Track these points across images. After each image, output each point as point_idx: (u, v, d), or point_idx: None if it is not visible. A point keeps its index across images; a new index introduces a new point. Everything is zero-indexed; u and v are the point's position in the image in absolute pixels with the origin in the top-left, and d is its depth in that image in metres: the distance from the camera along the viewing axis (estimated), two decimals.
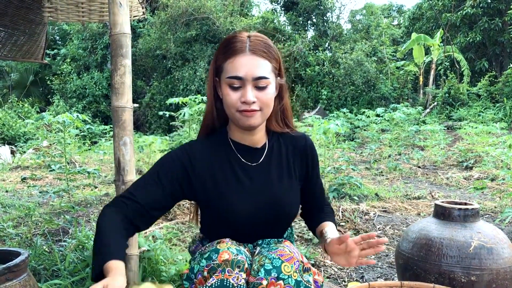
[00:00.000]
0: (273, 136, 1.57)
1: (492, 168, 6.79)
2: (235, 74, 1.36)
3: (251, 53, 1.37)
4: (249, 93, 1.36)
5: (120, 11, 2.14)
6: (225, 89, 1.39)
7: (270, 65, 1.40)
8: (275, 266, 1.32)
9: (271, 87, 1.41)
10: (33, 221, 3.89)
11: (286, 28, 18.81)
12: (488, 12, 16.03)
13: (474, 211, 2.04)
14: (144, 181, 1.45)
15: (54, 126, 8.03)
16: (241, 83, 1.37)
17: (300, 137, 1.59)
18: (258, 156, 1.53)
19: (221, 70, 1.42)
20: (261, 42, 1.40)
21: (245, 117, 1.39)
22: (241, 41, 1.39)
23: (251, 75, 1.36)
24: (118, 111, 2.16)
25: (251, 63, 1.37)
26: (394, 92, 16.18)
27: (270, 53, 1.41)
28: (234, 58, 1.37)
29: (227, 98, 1.39)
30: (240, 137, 1.52)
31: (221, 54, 1.42)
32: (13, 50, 3.52)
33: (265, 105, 1.40)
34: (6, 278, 1.59)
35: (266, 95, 1.39)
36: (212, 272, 1.31)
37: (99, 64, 19.09)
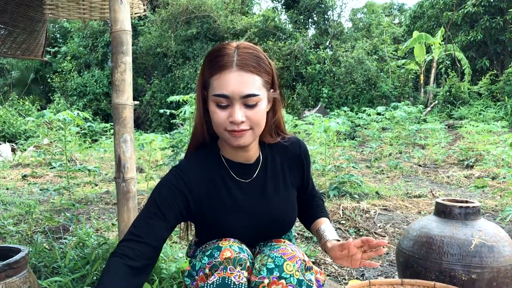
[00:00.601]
0: (265, 148, 1.50)
1: (493, 166, 6.78)
2: (221, 92, 1.26)
3: (239, 69, 1.26)
4: (237, 112, 1.26)
5: (121, 8, 2.14)
6: (212, 107, 1.30)
7: (261, 80, 1.30)
8: (277, 265, 1.31)
9: (262, 103, 1.31)
10: (34, 219, 3.89)
11: (287, 26, 18.80)
12: (489, 10, 16.00)
13: (475, 209, 2.04)
14: (146, 217, 1.34)
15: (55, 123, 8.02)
16: (229, 102, 1.27)
17: (293, 144, 1.53)
18: (252, 172, 1.47)
19: (208, 85, 1.32)
20: (249, 56, 1.29)
21: (234, 138, 1.31)
22: (228, 55, 1.28)
23: (239, 93, 1.26)
24: (118, 108, 2.15)
25: (238, 80, 1.26)
26: (395, 91, 16.17)
27: (260, 67, 1.30)
28: (220, 74, 1.27)
29: (215, 117, 1.30)
30: (232, 154, 1.44)
31: (207, 68, 1.32)
32: (13, 47, 3.52)
33: (255, 124, 1.31)
34: (6, 275, 1.59)
35: (256, 114, 1.29)
36: (214, 270, 1.31)
37: (100, 62, 19.09)
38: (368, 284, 1.75)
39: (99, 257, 2.42)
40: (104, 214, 4.36)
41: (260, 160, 1.48)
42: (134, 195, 2.22)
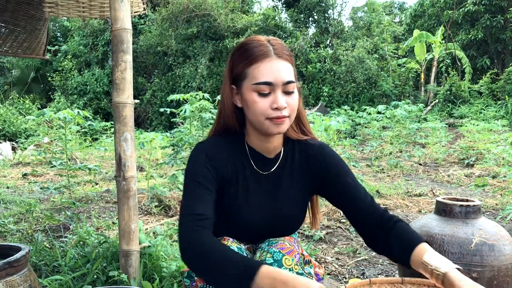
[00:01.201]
0: (288, 143, 1.50)
1: (493, 165, 6.78)
2: (264, 80, 1.29)
3: (278, 57, 1.31)
4: (280, 98, 1.30)
5: (121, 7, 2.14)
6: (252, 96, 1.31)
7: (293, 69, 1.35)
8: (276, 260, 1.32)
9: (296, 91, 1.36)
10: (34, 217, 3.90)
11: (288, 25, 18.78)
12: (490, 9, 15.98)
13: (476, 207, 2.04)
14: (198, 194, 1.34)
15: (55, 122, 8.05)
16: (271, 89, 1.30)
17: (315, 145, 1.51)
18: (271, 165, 1.47)
19: (243, 76, 1.34)
20: (282, 46, 1.35)
21: (275, 125, 1.32)
22: (263, 45, 1.32)
23: (281, 80, 1.30)
24: (119, 107, 2.15)
25: (279, 67, 1.30)
26: (396, 90, 16.15)
27: (291, 56, 1.36)
28: (261, 63, 1.30)
29: (255, 106, 1.31)
30: (257, 144, 1.45)
31: (240, 60, 1.34)
32: (14, 46, 3.52)
33: (292, 110, 1.35)
34: (6, 273, 1.59)
35: (293, 100, 1.34)
36: None
37: (100, 60, 19.08)
38: (368, 283, 1.75)
39: (100, 255, 2.43)
40: (105, 212, 4.36)
41: (281, 156, 1.48)
42: (134, 194, 2.22)
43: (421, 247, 1.28)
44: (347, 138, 10.46)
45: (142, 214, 4.19)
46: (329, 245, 3.41)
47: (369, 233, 1.42)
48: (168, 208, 4.37)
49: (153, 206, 4.30)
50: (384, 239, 1.37)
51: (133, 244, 2.22)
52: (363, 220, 1.42)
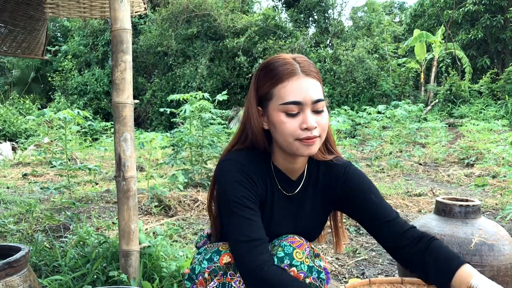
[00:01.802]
0: (312, 164, 1.45)
1: (493, 165, 6.78)
2: (292, 100, 1.23)
3: (305, 75, 1.26)
4: (310, 117, 1.24)
5: (121, 7, 2.14)
6: (279, 117, 1.26)
7: (321, 87, 1.30)
8: (287, 253, 1.32)
9: (326, 110, 1.30)
10: (34, 217, 3.90)
11: (287, 25, 18.77)
12: (490, 9, 15.97)
13: (475, 207, 2.04)
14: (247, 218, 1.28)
15: (55, 122, 8.05)
16: (300, 109, 1.25)
17: (339, 166, 1.45)
18: (294, 187, 1.43)
19: (269, 97, 1.29)
20: (309, 63, 1.29)
21: (305, 146, 1.26)
22: (289, 63, 1.27)
23: (310, 99, 1.24)
24: (119, 107, 2.15)
25: (307, 85, 1.25)
26: (396, 89, 16.15)
27: (318, 74, 1.31)
28: (288, 82, 1.25)
29: (284, 127, 1.25)
30: (282, 164, 1.40)
31: (266, 80, 1.29)
32: (13, 46, 3.52)
33: (323, 130, 1.29)
34: (6, 273, 1.59)
35: (324, 119, 1.28)
36: (213, 275, 1.31)
37: (100, 60, 19.08)
38: (368, 283, 1.75)
39: (100, 255, 2.43)
40: (105, 212, 4.37)
41: (304, 177, 1.44)
42: (134, 194, 2.23)
43: (464, 270, 1.21)
44: (347, 138, 10.46)
45: (142, 214, 4.20)
46: (328, 245, 3.41)
47: (399, 253, 1.36)
48: (168, 208, 4.38)
49: (153, 206, 4.30)
50: (418, 260, 1.30)
51: (133, 244, 2.22)
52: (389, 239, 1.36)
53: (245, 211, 1.28)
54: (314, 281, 1.31)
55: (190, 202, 4.55)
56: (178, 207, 4.40)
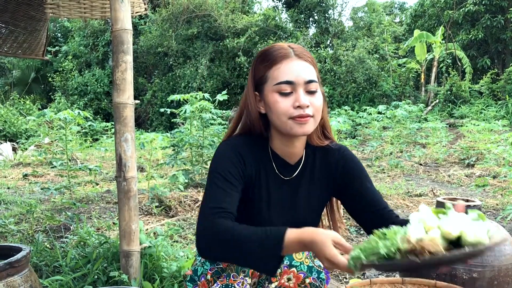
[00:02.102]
0: (309, 149, 1.48)
1: (494, 165, 6.78)
2: (285, 79, 1.29)
3: (298, 58, 1.32)
4: (303, 96, 1.29)
5: (122, 7, 2.14)
6: (273, 97, 1.31)
7: (315, 71, 1.34)
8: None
9: (319, 93, 1.34)
10: (35, 218, 3.90)
11: (288, 25, 18.78)
12: (490, 9, 15.98)
13: (476, 208, 2.04)
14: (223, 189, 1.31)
15: (56, 123, 8.04)
16: (292, 88, 1.29)
17: (335, 150, 1.49)
18: (292, 171, 1.45)
19: (264, 80, 1.34)
20: (303, 49, 1.36)
21: (299, 125, 1.30)
22: (283, 48, 1.34)
23: (303, 79, 1.29)
24: (119, 107, 2.16)
25: (300, 66, 1.31)
26: (396, 90, 16.15)
27: (313, 59, 1.37)
28: (281, 63, 1.31)
29: (277, 106, 1.30)
30: (280, 148, 1.43)
31: (261, 64, 1.35)
32: (14, 46, 3.52)
33: (317, 110, 1.32)
34: (7, 274, 1.59)
35: (317, 100, 1.32)
36: (216, 277, 1.31)
37: (101, 61, 19.09)
38: (369, 283, 1.75)
39: (100, 256, 2.43)
40: (105, 213, 4.37)
41: (302, 161, 1.46)
42: (135, 194, 2.23)
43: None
44: (347, 138, 10.46)
45: (143, 214, 4.20)
46: None
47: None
48: (168, 208, 4.38)
49: (153, 207, 4.30)
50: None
51: (133, 245, 2.23)
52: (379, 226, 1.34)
53: (225, 184, 1.30)
54: (314, 281, 1.32)
55: (191, 203, 4.55)
56: (178, 208, 4.40)
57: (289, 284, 1.30)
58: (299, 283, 1.30)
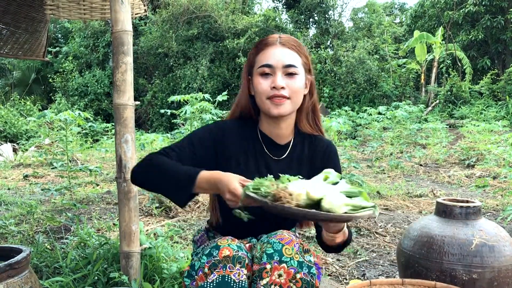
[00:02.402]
0: (299, 136, 1.59)
1: (494, 166, 6.78)
2: (266, 62, 1.45)
3: (281, 45, 1.47)
4: (279, 78, 1.43)
5: (122, 9, 2.14)
6: (257, 79, 1.47)
7: (300, 59, 1.48)
8: (276, 250, 1.35)
9: (300, 77, 1.47)
10: (35, 219, 3.90)
11: (288, 26, 18.78)
12: (490, 10, 15.97)
13: (476, 208, 2.04)
14: (181, 146, 1.48)
15: (56, 124, 8.04)
16: (272, 71, 1.45)
17: (323, 141, 1.61)
18: (282, 152, 1.56)
19: (253, 64, 1.50)
20: (290, 39, 1.50)
21: (274, 105, 1.44)
22: (272, 37, 1.50)
23: (281, 63, 1.44)
24: (119, 108, 2.16)
25: (281, 52, 1.46)
26: (396, 90, 16.15)
27: (299, 48, 1.49)
28: (265, 50, 1.47)
29: (259, 87, 1.46)
30: (267, 129, 1.55)
31: (253, 52, 1.51)
32: (15, 47, 3.53)
33: (294, 93, 1.46)
34: (7, 275, 1.59)
35: (295, 83, 1.45)
36: (213, 268, 1.33)
37: (101, 62, 19.09)
38: (369, 284, 1.75)
39: (100, 257, 2.43)
40: (106, 214, 4.37)
41: (291, 144, 1.58)
42: (135, 195, 2.23)
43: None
44: (347, 139, 10.46)
45: (143, 215, 4.20)
46: None
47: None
48: (168, 209, 4.38)
49: (153, 208, 4.30)
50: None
51: (134, 246, 2.23)
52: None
53: (187, 144, 1.49)
54: (305, 276, 1.33)
55: (191, 203, 4.55)
56: (178, 209, 4.40)
57: (280, 280, 1.31)
58: (290, 278, 1.31)
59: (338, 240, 1.42)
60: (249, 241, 1.54)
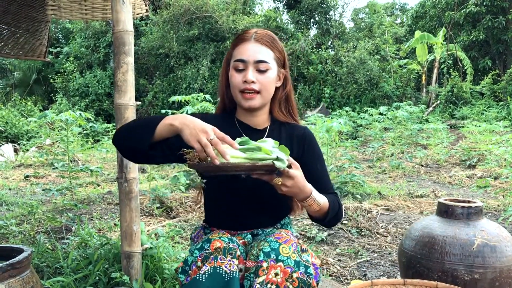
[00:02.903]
0: (275, 123, 1.66)
1: (495, 166, 6.77)
2: (239, 57, 1.52)
3: (255, 41, 1.53)
4: (250, 73, 1.51)
5: (123, 9, 2.14)
6: (231, 72, 1.55)
7: (273, 54, 1.55)
8: (273, 248, 1.36)
9: (272, 72, 1.55)
10: (36, 219, 3.90)
11: (289, 27, 18.78)
12: (491, 10, 15.96)
13: (477, 209, 2.04)
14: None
15: (57, 124, 8.05)
16: (244, 66, 1.52)
17: (300, 127, 1.68)
18: (260, 135, 1.59)
19: (231, 57, 1.58)
20: (265, 34, 1.57)
21: (245, 99, 1.53)
22: (248, 33, 1.57)
23: (253, 58, 1.51)
24: (120, 108, 2.16)
25: (254, 48, 1.52)
26: (397, 91, 16.14)
27: (273, 44, 1.56)
28: (240, 45, 1.54)
29: (232, 80, 1.54)
30: (243, 117, 1.63)
31: (232, 45, 1.59)
32: (16, 48, 3.53)
33: (264, 87, 1.54)
34: (9, 275, 1.59)
35: (265, 79, 1.53)
36: (205, 261, 1.34)
37: (102, 62, 19.10)
38: (370, 284, 1.75)
39: (102, 257, 2.43)
40: (107, 214, 4.37)
41: (267, 130, 1.64)
42: (136, 195, 2.23)
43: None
44: (348, 139, 10.46)
45: (144, 215, 4.20)
46: (330, 246, 3.41)
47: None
48: (169, 209, 4.38)
49: (154, 208, 4.30)
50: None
51: (135, 246, 2.23)
52: None
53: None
54: (302, 275, 1.33)
55: (192, 204, 4.55)
56: (179, 209, 4.40)
57: (277, 279, 1.31)
58: (287, 277, 1.31)
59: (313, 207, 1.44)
60: (243, 237, 1.56)
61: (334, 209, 1.54)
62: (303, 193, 1.39)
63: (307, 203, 1.42)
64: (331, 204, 1.51)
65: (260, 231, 1.60)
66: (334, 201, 1.55)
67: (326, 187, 1.61)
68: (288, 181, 1.34)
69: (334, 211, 1.53)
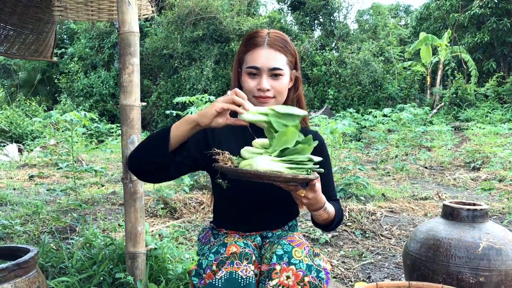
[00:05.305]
0: None
1: (499, 169, 6.75)
2: (253, 65, 1.51)
3: (269, 47, 1.52)
4: (264, 81, 1.50)
5: (129, 10, 2.15)
6: (244, 77, 1.54)
7: (286, 58, 1.55)
8: (286, 251, 1.36)
9: (285, 77, 1.55)
10: (41, 219, 3.91)
11: (293, 28, 18.79)
12: (496, 12, 15.92)
13: (483, 211, 2.03)
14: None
15: (61, 124, 8.08)
16: (258, 73, 1.51)
17: (310, 131, 1.68)
18: None
19: (242, 61, 1.57)
20: (278, 38, 1.55)
21: (259, 103, 1.52)
22: (261, 36, 1.54)
23: (267, 66, 1.50)
24: (126, 109, 2.16)
25: (268, 55, 1.51)
26: (401, 92, 16.12)
27: (286, 48, 1.55)
28: (254, 50, 1.52)
29: (246, 85, 1.53)
30: None
31: (243, 47, 1.58)
32: (22, 48, 3.54)
33: (278, 93, 1.53)
34: (15, 275, 1.59)
35: (279, 84, 1.53)
36: (221, 265, 1.34)
37: (106, 63, 19.16)
38: (375, 287, 1.74)
39: (106, 257, 2.43)
40: (111, 214, 4.38)
41: None
42: (141, 196, 2.23)
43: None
44: (352, 141, 10.45)
45: (148, 216, 4.21)
46: (334, 248, 3.40)
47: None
48: (174, 210, 4.38)
49: (159, 208, 4.31)
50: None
51: (139, 246, 2.23)
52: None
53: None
54: (313, 279, 1.33)
55: (196, 205, 4.56)
56: (183, 210, 4.40)
57: (288, 282, 1.32)
58: (298, 281, 1.32)
59: (323, 216, 1.46)
60: (253, 240, 1.57)
61: (338, 217, 1.57)
62: (318, 204, 1.41)
63: (318, 213, 1.44)
64: (336, 213, 1.55)
65: (270, 233, 1.60)
66: (338, 210, 1.58)
67: (331, 194, 1.63)
68: (311, 194, 1.35)
69: (338, 218, 1.57)
